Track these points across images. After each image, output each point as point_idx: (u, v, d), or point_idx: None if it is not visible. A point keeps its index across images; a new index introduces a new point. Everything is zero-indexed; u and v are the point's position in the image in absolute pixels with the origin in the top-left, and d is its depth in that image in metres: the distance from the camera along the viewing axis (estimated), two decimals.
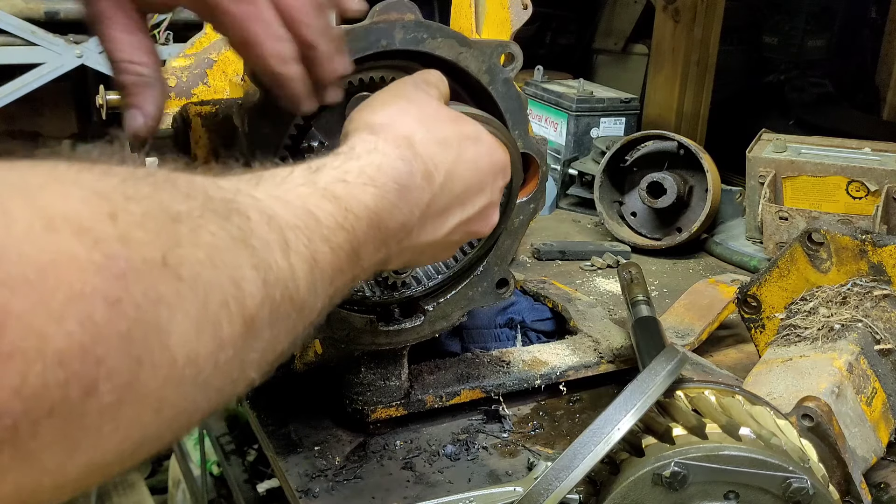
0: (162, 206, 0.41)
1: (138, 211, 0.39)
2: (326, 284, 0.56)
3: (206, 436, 2.37)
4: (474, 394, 1.14)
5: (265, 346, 0.48)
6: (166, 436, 0.42)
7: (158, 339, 0.38)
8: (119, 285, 0.36)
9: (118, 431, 0.37)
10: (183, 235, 0.41)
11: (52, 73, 2.89)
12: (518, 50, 0.96)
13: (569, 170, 2.16)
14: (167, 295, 0.39)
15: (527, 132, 1.01)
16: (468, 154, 0.77)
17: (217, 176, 0.51)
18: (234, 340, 0.43)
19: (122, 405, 0.37)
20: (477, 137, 0.80)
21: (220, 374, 0.43)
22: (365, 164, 0.65)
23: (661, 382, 0.76)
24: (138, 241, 0.38)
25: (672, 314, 1.42)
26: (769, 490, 0.73)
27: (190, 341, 0.40)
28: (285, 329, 0.51)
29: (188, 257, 0.41)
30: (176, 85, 1.17)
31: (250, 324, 0.45)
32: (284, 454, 1.04)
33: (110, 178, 0.41)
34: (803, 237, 1.13)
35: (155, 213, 0.40)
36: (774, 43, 2.75)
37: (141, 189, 0.41)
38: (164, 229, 0.40)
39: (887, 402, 1.06)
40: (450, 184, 0.74)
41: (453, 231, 0.77)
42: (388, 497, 0.98)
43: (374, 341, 1.02)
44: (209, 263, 0.42)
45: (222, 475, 2.42)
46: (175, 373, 0.39)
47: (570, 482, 0.71)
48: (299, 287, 0.51)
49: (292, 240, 0.51)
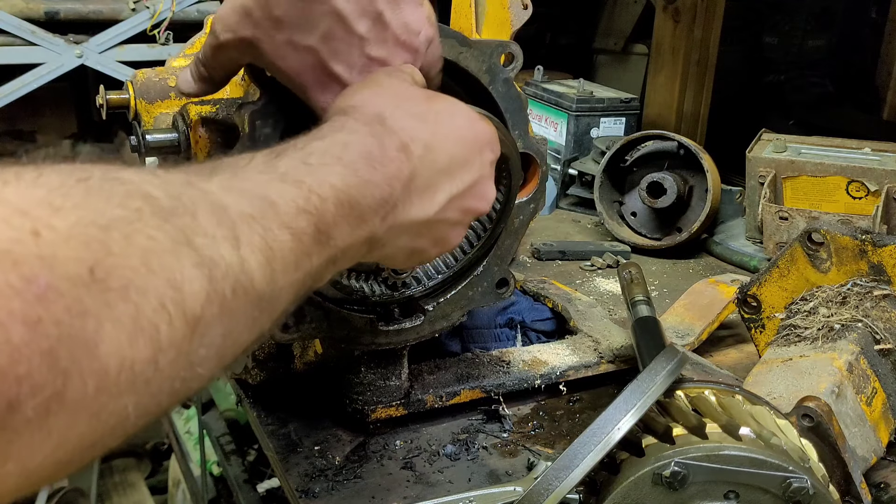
0: (93, 215, 0.41)
1: (64, 225, 0.40)
2: (290, 271, 0.56)
3: (206, 436, 2.37)
4: (474, 394, 1.14)
5: (219, 342, 0.48)
6: (111, 440, 0.43)
7: (86, 351, 0.39)
8: (39, 306, 0.37)
9: (50, 439, 0.38)
10: (114, 243, 0.41)
11: (52, 73, 2.89)
12: (518, 50, 0.96)
13: (569, 170, 2.16)
14: (93, 307, 0.39)
15: (527, 132, 1.01)
16: (446, 126, 0.76)
17: (170, 169, 0.51)
18: (175, 342, 0.44)
19: (49, 416, 0.38)
20: (453, 110, 0.79)
21: (164, 376, 0.43)
22: (330, 144, 0.65)
23: (661, 382, 0.76)
24: (62, 259, 0.39)
25: (672, 314, 1.42)
26: (769, 490, 0.73)
27: (122, 349, 0.40)
28: (244, 322, 0.51)
29: (119, 265, 0.41)
30: (176, 85, 1.17)
31: (195, 323, 0.45)
32: (284, 454, 1.04)
33: (37, 189, 0.41)
34: (803, 237, 1.13)
35: (84, 223, 0.41)
36: (774, 43, 2.76)
37: (71, 197, 0.41)
38: (93, 240, 0.40)
39: (887, 402, 1.06)
40: (431, 155, 0.72)
41: (447, 207, 0.75)
42: (388, 497, 0.98)
43: (374, 341, 1.02)
44: (143, 269, 0.42)
45: (222, 475, 2.42)
46: (108, 381, 0.40)
47: (570, 482, 0.71)
48: (254, 279, 0.51)
49: (244, 232, 0.51)
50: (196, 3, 2.99)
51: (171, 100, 1.16)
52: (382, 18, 0.77)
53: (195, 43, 1.27)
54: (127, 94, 1.17)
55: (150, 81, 1.16)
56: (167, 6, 2.91)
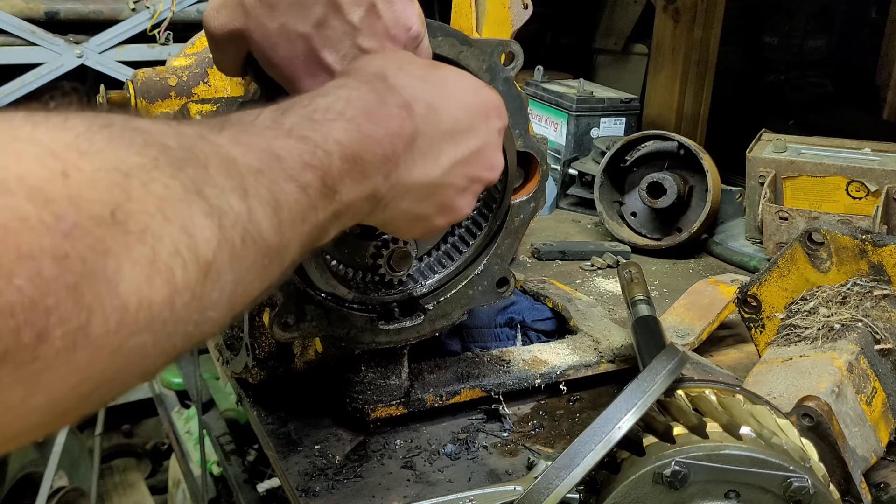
0: (115, 161, 0.44)
1: (90, 168, 0.42)
2: (297, 223, 0.57)
3: (206, 436, 2.37)
4: (474, 393, 1.14)
5: (230, 289, 0.50)
6: (129, 378, 0.46)
7: (108, 288, 0.41)
8: (66, 242, 0.39)
9: (75, 373, 0.41)
10: (133, 189, 0.44)
11: (52, 73, 2.89)
12: (519, 49, 0.96)
13: (569, 170, 2.16)
14: (114, 247, 0.41)
15: (527, 131, 1.01)
16: (450, 89, 0.76)
17: (183, 121, 0.53)
18: (189, 285, 0.46)
19: (75, 349, 0.40)
20: (458, 76, 0.79)
21: (179, 317, 0.46)
22: (333, 100, 0.66)
23: (661, 382, 0.76)
24: (88, 200, 0.41)
25: (672, 314, 1.42)
26: (770, 489, 0.73)
27: (141, 288, 0.43)
28: (254, 271, 0.53)
29: (137, 210, 0.43)
30: (176, 84, 1.17)
31: (207, 268, 0.47)
32: (284, 454, 1.04)
33: (66, 132, 0.43)
34: (803, 237, 1.13)
35: (107, 168, 0.43)
36: (774, 43, 2.76)
37: (96, 143, 0.44)
38: (115, 185, 0.43)
39: (887, 401, 1.06)
40: (434, 116, 0.72)
41: (451, 171, 0.75)
42: (388, 496, 0.98)
43: (374, 340, 1.02)
44: (159, 215, 0.44)
45: (222, 475, 2.42)
46: (128, 318, 0.42)
47: (570, 482, 0.71)
48: (262, 229, 0.53)
49: (252, 184, 0.53)
50: (196, 3, 2.99)
51: (171, 99, 1.16)
52: (375, 9, 0.78)
53: (195, 42, 1.27)
54: (127, 94, 1.17)
55: (150, 81, 1.16)
56: (167, 6, 2.91)
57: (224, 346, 1.19)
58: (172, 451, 2.91)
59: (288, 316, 0.94)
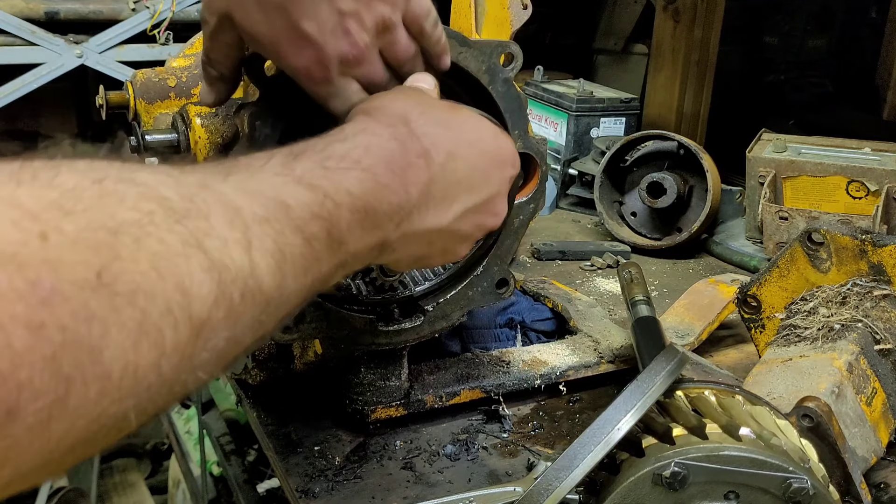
0: (104, 218, 0.41)
1: (73, 229, 0.39)
2: (300, 276, 0.55)
3: (206, 436, 2.37)
4: (474, 394, 1.14)
5: (222, 346, 0.48)
6: (108, 441, 0.43)
7: (90, 357, 0.38)
8: (43, 310, 0.36)
9: (49, 444, 0.38)
10: (123, 247, 0.41)
11: (52, 73, 2.89)
12: (518, 50, 0.96)
13: (569, 170, 2.16)
14: (99, 312, 0.39)
15: (527, 132, 1.01)
16: (469, 135, 0.75)
17: (185, 168, 0.51)
18: (179, 346, 0.43)
19: (50, 422, 0.37)
20: (478, 123, 0.78)
21: (165, 380, 0.43)
22: (351, 147, 0.64)
23: (661, 382, 0.76)
24: (69, 263, 0.38)
25: (672, 314, 1.42)
26: (769, 490, 0.73)
27: (126, 354, 0.40)
28: (249, 326, 0.51)
29: (127, 270, 0.41)
30: (176, 85, 1.17)
31: (200, 327, 0.45)
32: (284, 454, 1.04)
33: (52, 190, 0.40)
34: (803, 237, 1.13)
35: (94, 227, 0.40)
36: (774, 43, 2.75)
37: (84, 200, 0.41)
38: (102, 244, 0.40)
39: (887, 402, 1.06)
40: (451, 164, 0.71)
41: (461, 219, 0.74)
42: (388, 497, 0.98)
43: (374, 341, 1.02)
44: (152, 273, 0.42)
45: (222, 475, 2.42)
46: (111, 386, 0.40)
47: (570, 482, 0.71)
48: (263, 283, 0.50)
49: (257, 235, 0.51)
50: (196, 3, 2.99)
51: (170, 100, 1.16)
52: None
53: (195, 43, 1.27)
54: (127, 95, 1.17)
55: (149, 81, 1.17)
56: (167, 6, 2.91)
57: None
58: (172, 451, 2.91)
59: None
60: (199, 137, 0.95)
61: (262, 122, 0.86)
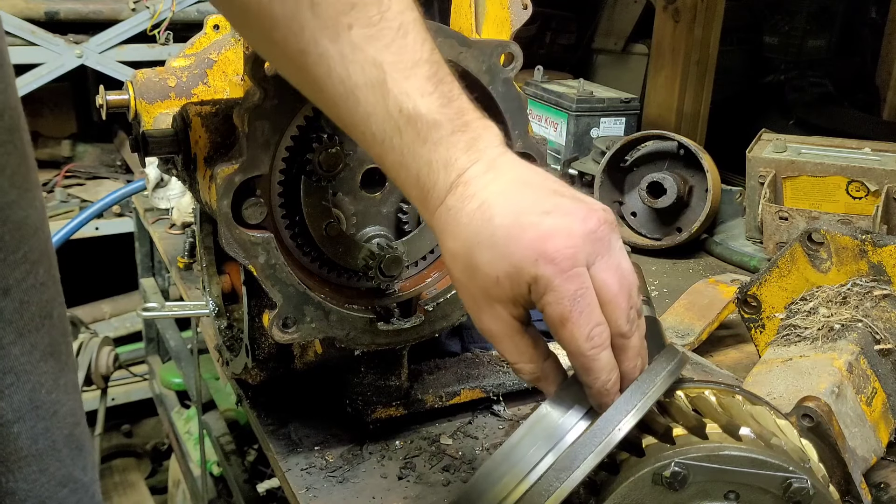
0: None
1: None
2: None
3: (206, 436, 2.37)
4: (474, 394, 1.14)
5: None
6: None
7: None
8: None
9: None
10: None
11: (52, 73, 2.89)
12: (518, 50, 0.96)
13: (569, 170, 2.15)
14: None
15: (527, 132, 1.01)
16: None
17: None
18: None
19: None
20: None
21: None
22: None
23: (661, 383, 0.76)
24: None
25: (672, 314, 1.42)
26: (769, 490, 0.73)
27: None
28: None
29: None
30: (176, 85, 1.17)
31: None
32: (284, 454, 1.04)
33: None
34: (803, 237, 1.13)
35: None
36: (774, 43, 2.76)
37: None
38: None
39: (887, 402, 1.06)
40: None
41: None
42: (387, 497, 0.98)
43: (374, 341, 1.02)
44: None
45: (222, 475, 2.42)
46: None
47: (570, 482, 0.71)
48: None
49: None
50: (196, 3, 2.99)
51: (170, 100, 1.16)
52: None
53: (195, 43, 1.27)
54: (127, 95, 1.17)
55: (149, 82, 1.17)
56: (167, 6, 2.91)
57: (224, 347, 1.19)
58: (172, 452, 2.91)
59: (287, 317, 0.94)
60: (199, 137, 0.95)
61: (262, 122, 0.86)
